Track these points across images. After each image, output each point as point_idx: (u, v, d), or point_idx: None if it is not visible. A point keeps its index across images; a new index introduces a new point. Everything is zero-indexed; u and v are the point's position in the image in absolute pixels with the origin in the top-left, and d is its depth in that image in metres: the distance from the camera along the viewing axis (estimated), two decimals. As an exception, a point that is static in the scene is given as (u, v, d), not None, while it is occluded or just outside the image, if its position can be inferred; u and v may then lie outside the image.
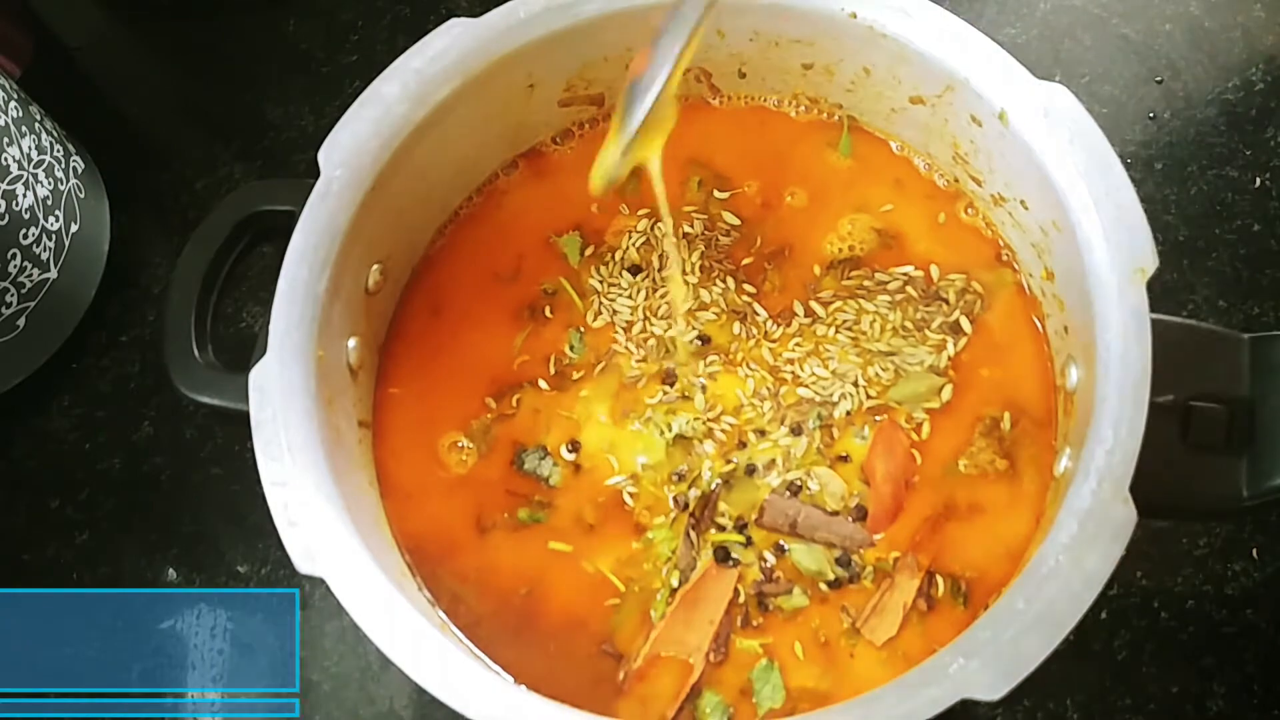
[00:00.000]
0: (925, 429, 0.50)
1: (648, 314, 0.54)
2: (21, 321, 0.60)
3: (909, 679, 0.40)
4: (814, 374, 0.51)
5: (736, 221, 0.55)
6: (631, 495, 0.50)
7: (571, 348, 0.53)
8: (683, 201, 0.55)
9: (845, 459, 0.50)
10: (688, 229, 0.55)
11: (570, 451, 0.51)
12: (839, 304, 0.53)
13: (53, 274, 0.60)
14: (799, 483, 0.49)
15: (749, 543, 0.49)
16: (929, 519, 0.48)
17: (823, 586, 0.48)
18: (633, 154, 0.45)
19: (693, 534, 0.49)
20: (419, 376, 0.53)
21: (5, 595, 0.59)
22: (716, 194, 0.55)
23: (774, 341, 0.52)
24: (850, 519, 0.49)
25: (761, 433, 0.51)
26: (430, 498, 0.51)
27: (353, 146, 0.49)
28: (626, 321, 0.54)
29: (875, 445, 0.50)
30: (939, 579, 0.47)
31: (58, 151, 0.62)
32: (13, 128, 0.58)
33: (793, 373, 0.52)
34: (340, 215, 0.49)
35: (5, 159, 0.57)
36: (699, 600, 0.48)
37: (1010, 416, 0.50)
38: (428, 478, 0.51)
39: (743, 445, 0.50)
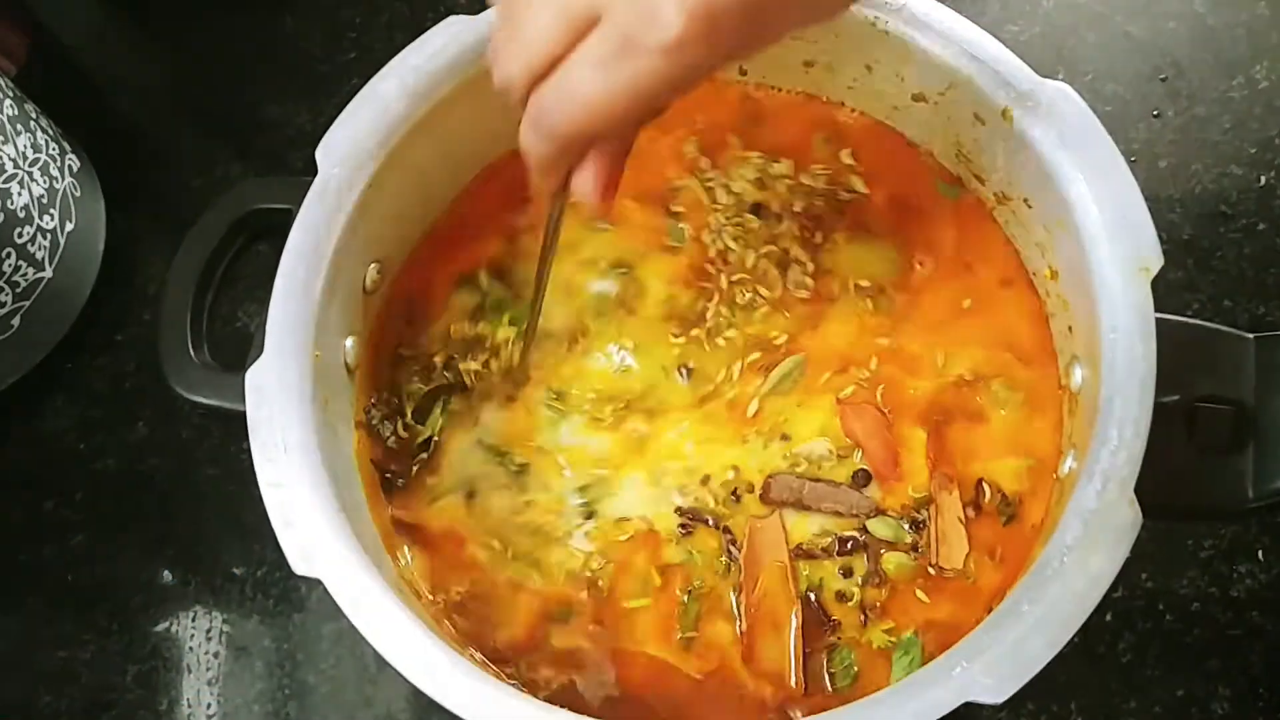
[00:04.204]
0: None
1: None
2: (16, 321, 0.59)
3: (912, 682, 0.40)
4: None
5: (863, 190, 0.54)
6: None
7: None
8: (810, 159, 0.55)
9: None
10: (807, 180, 0.54)
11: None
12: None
13: (48, 273, 0.60)
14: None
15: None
16: (931, 438, 0.49)
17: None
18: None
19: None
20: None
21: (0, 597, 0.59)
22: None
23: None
24: (857, 486, 0.49)
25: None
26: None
27: (350, 145, 0.49)
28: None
29: (843, 412, 0.50)
30: (980, 486, 0.48)
31: (53, 150, 0.61)
32: (8, 126, 0.58)
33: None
34: (338, 214, 0.48)
35: (1, 157, 0.56)
36: (756, 559, 0.48)
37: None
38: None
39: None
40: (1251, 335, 0.45)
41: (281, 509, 0.43)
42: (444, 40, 0.50)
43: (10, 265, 0.58)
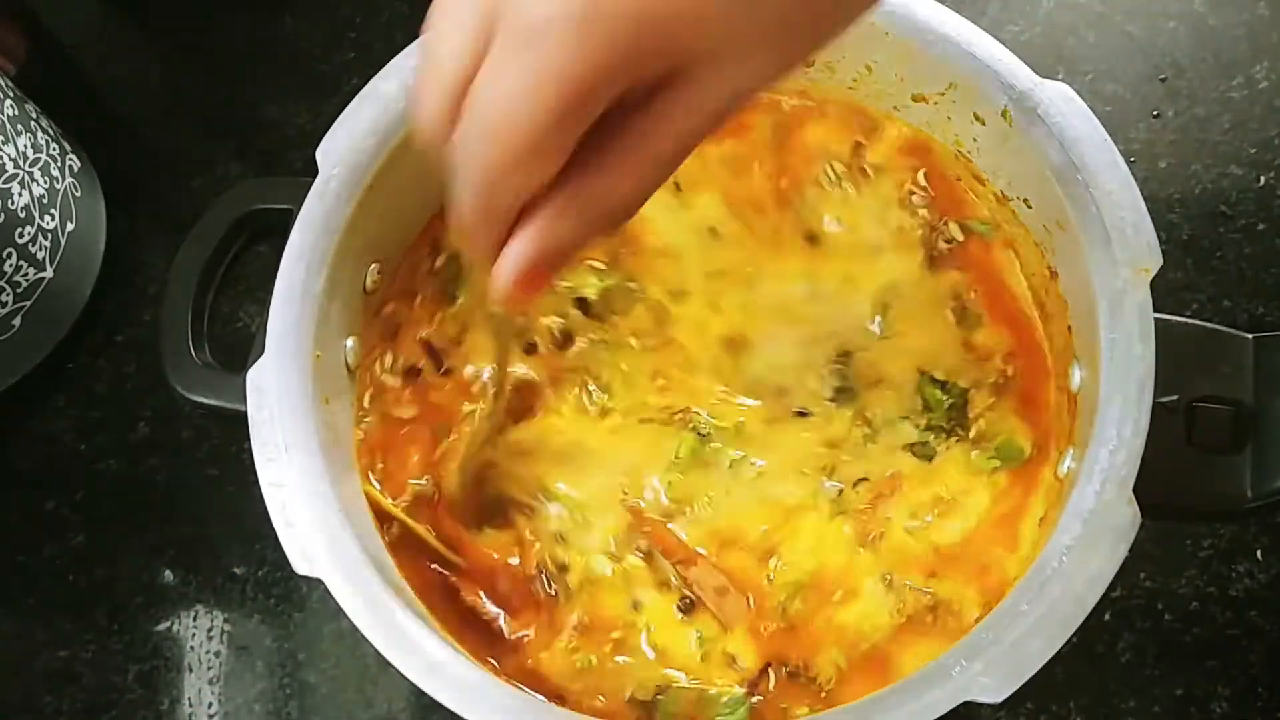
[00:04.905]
0: None
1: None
2: (17, 321, 0.59)
3: (911, 682, 0.40)
4: None
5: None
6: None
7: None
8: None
9: None
10: None
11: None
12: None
13: (49, 273, 0.60)
14: None
15: None
16: None
17: None
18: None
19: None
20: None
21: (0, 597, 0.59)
22: None
23: None
24: None
25: None
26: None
27: (350, 144, 0.49)
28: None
29: None
30: None
31: (54, 150, 0.61)
32: (8, 126, 0.58)
33: None
34: (338, 214, 0.48)
35: (1, 157, 0.56)
36: None
37: None
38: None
39: None
40: (1251, 335, 0.45)
41: (282, 509, 0.43)
42: (444, 40, 0.50)
43: (11, 265, 0.58)
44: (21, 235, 0.58)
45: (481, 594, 0.47)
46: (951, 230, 0.52)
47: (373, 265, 0.51)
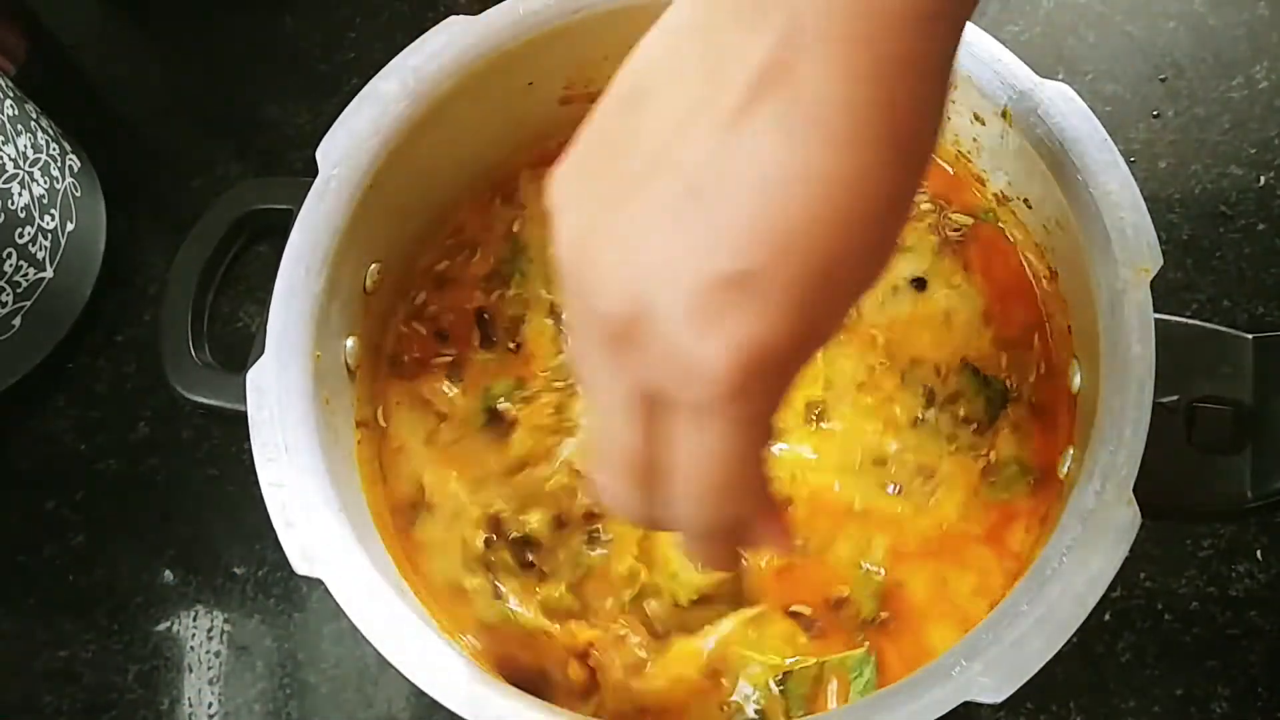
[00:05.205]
0: None
1: None
2: (17, 321, 0.59)
3: (910, 682, 0.40)
4: None
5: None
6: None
7: None
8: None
9: None
10: None
11: None
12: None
13: (49, 273, 0.60)
14: None
15: None
16: None
17: None
18: None
19: None
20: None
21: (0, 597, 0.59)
22: None
23: None
24: None
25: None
26: (428, 499, 0.50)
27: (350, 145, 0.49)
28: None
29: None
30: None
31: (54, 150, 0.61)
32: (8, 126, 0.58)
33: None
34: (338, 214, 0.48)
35: (1, 157, 0.56)
36: None
37: None
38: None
39: None
40: (1250, 335, 0.45)
41: (282, 509, 0.43)
42: (444, 40, 0.50)
43: (11, 265, 0.58)
44: (21, 235, 0.58)
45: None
46: (958, 219, 0.53)
47: (373, 265, 0.51)
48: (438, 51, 0.50)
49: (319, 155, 0.49)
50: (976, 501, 0.48)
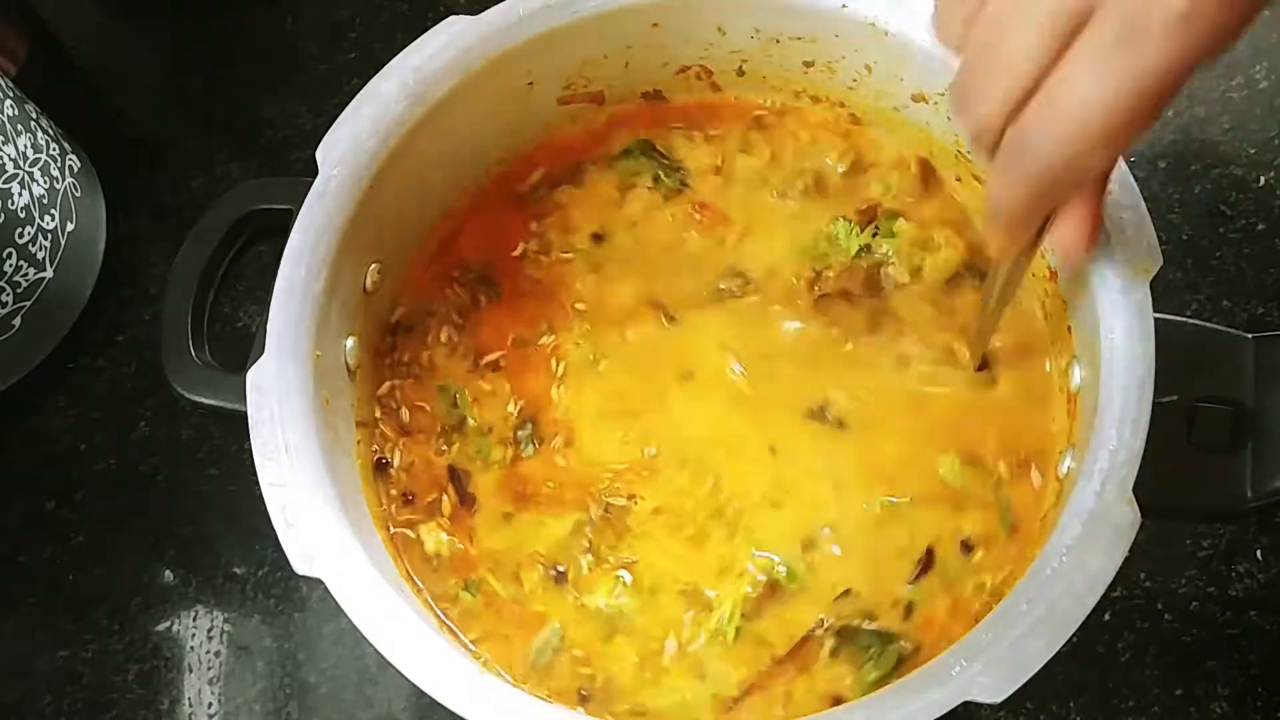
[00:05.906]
0: None
1: None
2: (17, 321, 0.60)
3: (910, 682, 0.40)
4: None
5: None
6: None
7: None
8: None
9: None
10: None
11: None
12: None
13: (49, 273, 0.60)
14: None
15: None
16: None
17: None
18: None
19: None
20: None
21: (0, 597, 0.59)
22: None
23: None
24: None
25: None
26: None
27: (350, 145, 0.49)
28: None
29: None
30: None
31: (54, 150, 0.61)
32: (8, 126, 0.58)
33: None
34: (338, 214, 0.48)
35: (1, 157, 0.56)
36: None
37: None
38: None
39: None
40: (1250, 335, 0.45)
41: (282, 509, 0.43)
42: (444, 40, 0.50)
43: (11, 265, 0.58)
44: (21, 235, 0.58)
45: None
46: None
47: (373, 265, 0.51)
48: (438, 51, 0.50)
49: (319, 155, 0.49)
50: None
